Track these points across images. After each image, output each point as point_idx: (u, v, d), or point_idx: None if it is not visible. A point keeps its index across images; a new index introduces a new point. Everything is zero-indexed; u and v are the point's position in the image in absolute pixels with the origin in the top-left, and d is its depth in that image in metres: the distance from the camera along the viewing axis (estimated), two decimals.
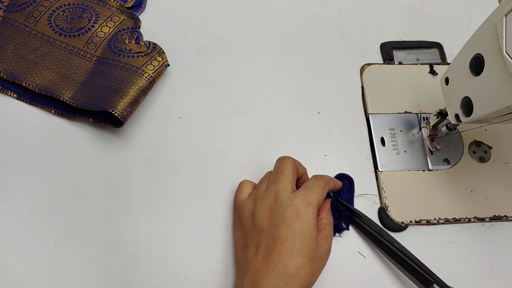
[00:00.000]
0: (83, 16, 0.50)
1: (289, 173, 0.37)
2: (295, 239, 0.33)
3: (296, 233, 0.33)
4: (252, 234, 0.36)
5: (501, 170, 0.45)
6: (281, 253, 0.33)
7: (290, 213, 0.34)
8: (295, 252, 0.33)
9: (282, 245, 0.33)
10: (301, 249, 0.33)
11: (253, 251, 0.35)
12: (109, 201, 0.42)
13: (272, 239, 0.34)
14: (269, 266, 0.33)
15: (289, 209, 0.34)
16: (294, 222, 0.34)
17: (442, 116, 0.42)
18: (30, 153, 0.44)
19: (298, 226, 0.34)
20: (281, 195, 0.36)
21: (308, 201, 0.35)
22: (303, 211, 0.34)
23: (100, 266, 0.39)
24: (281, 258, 0.33)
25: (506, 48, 0.29)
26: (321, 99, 0.48)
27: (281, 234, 0.34)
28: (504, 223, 0.43)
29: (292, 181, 0.37)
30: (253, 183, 0.41)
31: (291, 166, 0.38)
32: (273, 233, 0.34)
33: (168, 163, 0.44)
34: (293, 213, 0.34)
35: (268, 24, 0.53)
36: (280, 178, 0.37)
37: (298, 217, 0.34)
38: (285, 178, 0.37)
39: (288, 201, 0.35)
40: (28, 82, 0.46)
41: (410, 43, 0.52)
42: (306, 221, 0.34)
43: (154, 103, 0.47)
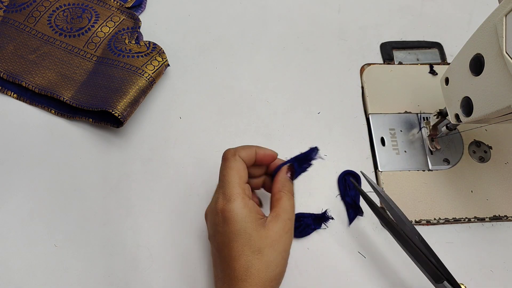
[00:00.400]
0: (83, 16, 0.50)
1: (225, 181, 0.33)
2: (231, 243, 0.31)
3: (228, 236, 0.31)
4: (211, 249, 0.35)
5: (501, 170, 0.45)
6: (225, 260, 0.31)
7: (216, 218, 0.32)
8: (236, 255, 0.31)
9: (223, 252, 0.32)
10: (241, 249, 0.31)
11: (212, 262, 0.35)
12: (109, 201, 0.42)
13: (216, 248, 0.33)
14: (223, 275, 0.32)
15: (216, 217, 0.32)
16: (224, 227, 0.32)
17: (442, 116, 0.42)
18: (30, 153, 0.44)
19: (226, 229, 0.31)
20: (212, 201, 0.34)
21: (227, 197, 0.32)
22: (225, 211, 0.32)
23: (100, 266, 0.39)
24: (227, 266, 0.31)
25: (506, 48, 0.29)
26: (321, 99, 0.48)
27: (219, 241, 0.32)
28: (504, 223, 0.43)
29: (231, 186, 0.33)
30: None
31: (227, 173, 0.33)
32: (214, 242, 0.33)
33: (168, 163, 0.44)
34: (221, 219, 0.32)
35: (268, 24, 0.53)
36: (217, 187, 0.34)
37: (226, 221, 0.31)
38: (217, 189, 0.34)
39: (213, 209, 0.33)
40: (28, 82, 0.46)
41: (410, 43, 0.52)
42: (234, 220, 0.31)
43: (154, 103, 0.47)
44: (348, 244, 0.41)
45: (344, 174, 0.44)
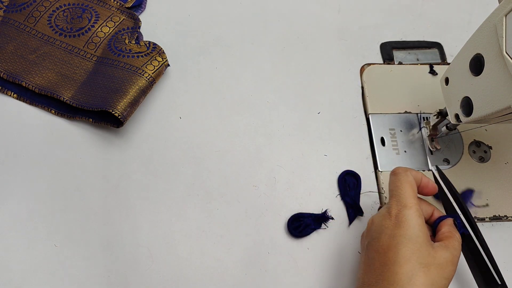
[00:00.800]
0: (83, 16, 0.50)
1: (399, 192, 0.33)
2: (399, 245, 0.30)
3: (398, 239, 0.31)
4: (363, 254, 0.34)
5: (501, 170, 0.45)
6: (387, 264, 0.30)
7: (387, 221, 0.32)
8: (402, 260, 0.30)
9: (385, 256, 0.31)
10: (408, 255, 0.30)
11: (363, 270, 0.33)
12: (109, 201, 0.42)
13: (378, 252, 0.32)
14: (378, 280, 0.30)
15: (387, 219, 0.32)
16: (396, 230, 0.31)
17: (442, 116, 0.42)
18: (30, 153, 0.44)
19: (398, 232, 0.31)
20: (381, 211, 0.34)
21: (403, 204, 0.32)
22: (401, 215, 0.32)
23: (100, 266, 0.39)
24: (388, 269, 0.30)
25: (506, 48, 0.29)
26: (321, 99, 0.48)
27: (383, 244, 0.31)
28: (504, 223, 0.43)
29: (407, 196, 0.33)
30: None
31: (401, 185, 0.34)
32: (376, 246, 0.32)
33: (168, 163, 0.44)
34: (390, 220, 0.32)
35: (268, 24, 0.53)
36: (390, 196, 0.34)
37: (398, 224, 0.31)
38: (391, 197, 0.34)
39: (383, 214, 0.33)
40: (28, 82, 0.46)
41: (410, 43, 0.52)
42: (409, 225, 0.31)
43: (154, 103, 0.47)
44: (348, 244, 0.41)
45: (344, 174, 0.44)
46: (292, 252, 0.41)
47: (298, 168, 0.44)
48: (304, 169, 0.44)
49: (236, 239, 0.41)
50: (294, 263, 0.40)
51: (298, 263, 0.40)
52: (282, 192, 0.43)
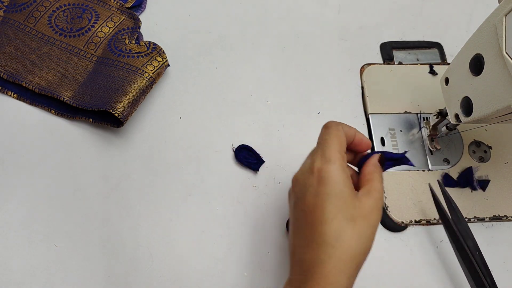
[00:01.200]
0: (83, 16, 0.50)
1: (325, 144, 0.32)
2: (324, 203, 0.29)
3: (322, 197, 0.30)
4: (290, 213, 0.33)
5: (501, 170, 0.45)
6: (314, 224, 0.30)
7: (310, 179, 0.31)
8: (329, 218, 0.29)
9: (313, 215, 0.30)
10: (334, 212, 0.29)
11: (292, 231, 0.32)
12: (109, 201, 0.42)
13: (304, 211, 0.31)
14: (307, 241, 0.30)
15: (309, 176, 0.31)
16: (319, 187, 0.30)
17: (442, 116, 0.42)
18: (30, 153, 0.44)
19: (322, 190, 0.30)
20: (303, 166, 0.33)
21: (327, 159, 0.31)
22: (323, 171, 0.30)
23: (100, 266, 0.39)
24: (315, 230, 0.29)
25: (506, 48, 0.29)
26: (321, 99, 0.48)
27: (309, 203, 0.30)
28: (504, 223, 0.43)
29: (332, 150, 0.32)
30: None
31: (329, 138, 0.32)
32: (301, 206, 0.31)
33: (168, 163, 0.44)
34: (313, 178, 0.31)
35: (268, 24, 0.53)
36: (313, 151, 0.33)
37: (320, 180, 0.30)
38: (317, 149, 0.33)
39: (308, 168, 0.32)
40: (28, 82, 0.46)
41: (410, 43, 0.52)
42: (330, 181, 0.30)
43: (154, 103, 0.47)
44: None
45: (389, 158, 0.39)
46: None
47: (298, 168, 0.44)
48: None
49: (236, 239, 0.41)
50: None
51: None
52: (282, 192, 0.43)
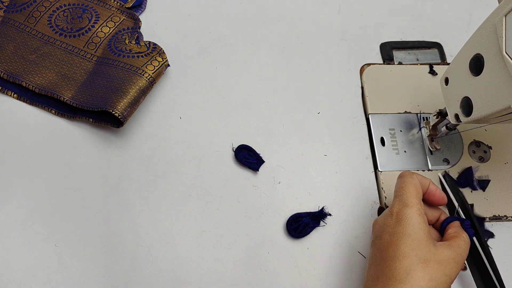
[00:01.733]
0: (83, 16, 0.50)
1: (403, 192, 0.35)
2: (398, 242, 0.32)
3: (398, 236, 0.32)
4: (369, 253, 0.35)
5: (501, 170, 0.45)
6: (387, 260, 0.32)
7: (389, 220, 0.33)
8: (401, 255, 0.31)
9: (386, 252, 0.32)
10: (407, 251, 0.31)
11: (367, 267, 0.35)
12: (109, 201, 0.42)
13: (379, 249, 0.33)
14: (378, 275, 0.32)
15: (388, 218, 0.34)
16: (396, 227, 0.32)
17: (442, 116, 0.42)
18: (30, 153, 0.44)
19: (398, 230, 0.32)
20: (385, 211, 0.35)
21: (404, 203, 0.33)
22: (401, 213, 0.33)
23: (100, 266, 0.39)
24: (387, 265, 0.31)
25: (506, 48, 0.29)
26: (321, 99, 0.48)
27: (385, 241, 0.33)
28: (504, 223, 0.43)
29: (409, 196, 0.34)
30: None
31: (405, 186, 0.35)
32: (378, 244, 0.33)
33: (168, 163, 0.44)
34: (391, 219, 0.33)
35: (268, 24, 0.53)
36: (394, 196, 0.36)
37: (398, 221, 0.33)
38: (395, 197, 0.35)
39: (386, 213, 0.35)
40: (28, 82, 0.46)
41: (410, 43, 0.52)
42: (408, 223, 0.32)
43: (154, 103, 0.47)
44: (348, 244, 0.41)
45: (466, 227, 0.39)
46: (292, 252, 0.41)
47: (298, 168, 0.44)
48: (304, 169, 0.44)
49: (236, 239, 0.41)
50: (294, 263, 0.40)
51: (298, 263, 0.40)
52: (282, 192, 0.43)
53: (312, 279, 0.40)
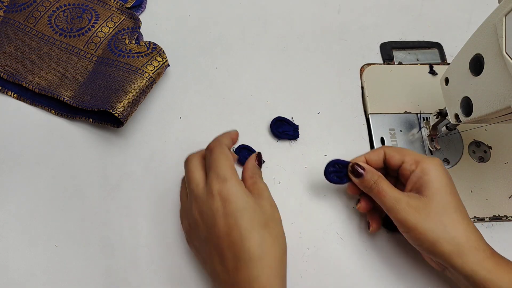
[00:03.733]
0: (83, 16, 0.50)
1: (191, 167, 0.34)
2: (238, 221, 0.30)
3: (235, 215, 0.30)
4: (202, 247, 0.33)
5: (501, 170, 0.45)
6: (235, 244, 0.30)
7: (217, 203, 0.31)
8: (247, 232, 0.30)
9: (230, 236, 0.30)
10: (250, 225, 0.30)
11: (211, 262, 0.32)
12: (109, 201, 0.42)
13: (218, 238, 0.31)
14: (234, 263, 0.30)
15: (213, 201, 0.31)
16: (226, 208, 0.31)
17: (442, 116, 0.42)
18: (30, 153, 0.44)
19: (232, 208, 0.31)
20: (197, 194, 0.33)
21: (222, 178, 0.32)
22: (226, 191, 0.31)
23: (100, 266, 0.39)
24: (238, 248, 0.30)
25: (506, 48, 0.29)
26: (321, 99, 0.48)
27: (222, 227, 0.31)
28: (504, 223, 0.43)
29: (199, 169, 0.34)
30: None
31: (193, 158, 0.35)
32: (215, 233, 0.31)
33: (168, 163, 0.44)
34: (220, 201, 0.31)
35: (268, 24, 0.53)
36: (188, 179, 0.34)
37: (227, 200, 0.31)
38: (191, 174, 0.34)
39: (207, 194, 0.32)
40: (28, 82, 0.46)
41: (410, 43, 0.52)
42: (236, 197, 0.31)
43: (154, 103, 0.47)
44: (348, 244, 0.41)
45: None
46: (292, 252, 0.41)
47: (298, 168, 0.44)
48: (304, 169, 0.44)
49: None
50: (294, 263, 0.40)
51: (298, 263, 0.40)
52: (282, 192, 0.43)
53: (312, 278, 0.40)
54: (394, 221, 0.35)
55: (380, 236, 0.42)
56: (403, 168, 0.36)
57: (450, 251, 0.32)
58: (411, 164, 0.36)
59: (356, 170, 0.37)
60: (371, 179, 0.35)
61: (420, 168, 0.35)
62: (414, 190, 0.35)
